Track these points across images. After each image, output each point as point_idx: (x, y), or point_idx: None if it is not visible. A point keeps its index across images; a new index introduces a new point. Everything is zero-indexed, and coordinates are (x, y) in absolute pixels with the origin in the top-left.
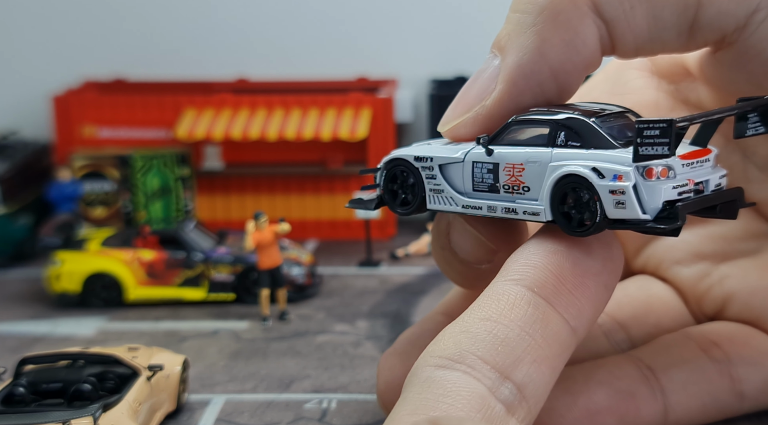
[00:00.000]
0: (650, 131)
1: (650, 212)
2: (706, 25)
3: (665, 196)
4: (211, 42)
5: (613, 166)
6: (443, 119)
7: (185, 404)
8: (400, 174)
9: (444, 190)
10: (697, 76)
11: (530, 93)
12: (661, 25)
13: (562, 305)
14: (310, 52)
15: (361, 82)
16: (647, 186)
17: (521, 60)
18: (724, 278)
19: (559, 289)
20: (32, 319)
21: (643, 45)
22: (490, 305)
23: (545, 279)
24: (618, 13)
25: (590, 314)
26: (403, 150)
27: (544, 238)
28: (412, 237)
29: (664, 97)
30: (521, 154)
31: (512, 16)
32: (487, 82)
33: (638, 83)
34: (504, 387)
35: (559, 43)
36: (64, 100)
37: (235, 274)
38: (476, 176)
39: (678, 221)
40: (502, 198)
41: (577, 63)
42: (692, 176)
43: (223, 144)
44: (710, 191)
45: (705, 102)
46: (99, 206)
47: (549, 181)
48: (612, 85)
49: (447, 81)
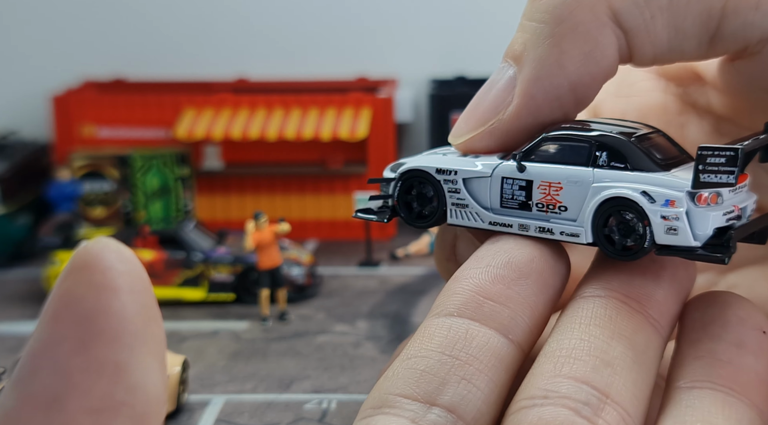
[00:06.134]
0: (715, 158)
1: (700, 239)
2: (729, 36)
3: (716, 223)
4: (211, 42)
5: (664, 191)
6: (455, 131)
7: (185, 404)
8: (418, 186)
9: (468, 205)
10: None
11: (548, 106)
12: (681, 36)
13: (486, 318)
14: (310, 52)
15: (361, 82)
16: (698, 212)
17: (540, 73)
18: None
19: (481, 304)
20: (32, 319)
21: (661, 55)
22: (410, 345)
23: (465, 300)
24: (638, 22)
25: (527, 317)
26: (420, 161)
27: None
28: (412, 237)
29: (672, 101)
30: (559, 172)
31: (528, 25)
32: (502, 94)
33: (645, 85)
34: (431, 413)
35: (579, 55)
36: (63, 100)
37: (235, 274)
38: (506, 193)
39: (731, 249)
40: (534, 217)
41: (596, 75)
42: (736, 202)
43: (223, 144)
44: (746, 217)
45: (715, 107)
46: (98, 206)
47: (592, 202)
48: (617, 87)
49: (447, 81)
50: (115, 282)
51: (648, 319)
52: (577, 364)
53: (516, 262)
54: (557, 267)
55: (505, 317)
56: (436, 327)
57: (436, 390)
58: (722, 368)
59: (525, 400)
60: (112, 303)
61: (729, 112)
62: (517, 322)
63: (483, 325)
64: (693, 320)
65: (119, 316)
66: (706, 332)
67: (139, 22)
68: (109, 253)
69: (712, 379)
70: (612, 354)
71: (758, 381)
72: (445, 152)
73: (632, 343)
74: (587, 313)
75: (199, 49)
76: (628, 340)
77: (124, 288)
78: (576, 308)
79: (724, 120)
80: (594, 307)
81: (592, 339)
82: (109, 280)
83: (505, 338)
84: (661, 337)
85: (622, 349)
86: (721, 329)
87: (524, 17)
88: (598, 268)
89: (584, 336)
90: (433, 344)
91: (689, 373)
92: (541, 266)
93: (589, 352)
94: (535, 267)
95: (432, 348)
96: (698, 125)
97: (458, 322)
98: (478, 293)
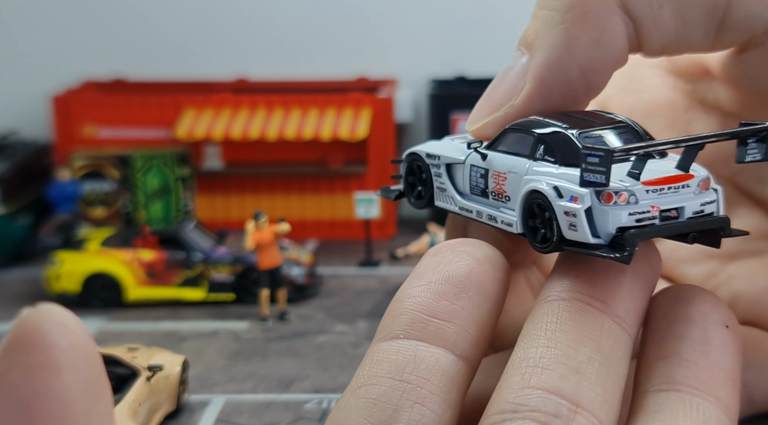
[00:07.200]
0: (592, 158)
1: (604, 237)
2: (734, 27)
3: (618, 222)
4: (211, 42)
5: (573, 187)
6: (470, 118)
7: (185, 404)
8: (417, 168)
9: (447, 189)
10: (719, 75)
11: (559, 92)
12: (688, 26)
13: (433, 337)
14: (310, 52)
15: (361, 82)
16: (600, 211)
17: (550, 58)
18: (731, 278)
19: (427, 323)
20: None
21: (669, 44)
22: (359, 373)
23: (410, 321)
24: (646, 11)
25: (473, 331)
26: (423, 145)
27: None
28: (412, 237)
29: (680, 97)
30: (506, 162)
31: (539, 13)
32: (515, 80)
33: (654, 82)
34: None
35: (588, 41)
36: (64, 100)
37: (235, 274)
38: (472, 180)
39: (626, 250)
40: (489, 204)
41: (605, 61)
42: (659, 203)
43: (223, 144)
44: (686, 218)
45: (723, 103)
46: (99, 206)
47: (521, 194)
48: (626, 83)
49: (447, 81)
50: (56, 361)
51: (614, 319)
52: (546, 374)
53: (456, 276)
54: (496, 275)
55: (452, 334)
56: (383, 351)
57: (390, 419)
58: (688, 368)
59: (495, 415)
60: (53, 385)
61: (736, 107)
62: (464, 337)
63: (431, 345)
64: (657, 318)
65: (61, 399)
66: (670, 331)
67: (139, 22)
68: (50, 327)
69: (678, 380)
70: (579, 359)
71: (724, 378)
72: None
73: (599, 346)
74: (552, 318)
75: (199, 49)
76: (595, 343)
77: (67, 367)
78: (541, 314)
79: (731, 116)
80: (559, 312)
81: (559, 346)
82: (50, 359)
83: (454, 355)
84: (628, 335)
85: (589, 353)
86: (684, 327)
87: (537, 6)
88: (561, 267)
89: (551, 342)
90: (383, 370)
91: (655, 376)
92: (481, 277)
93: (557, 360)
94: (475, 279)
95: (381, 375)
96: (705, 121)
97: (406, 344)
98: (423, 312)
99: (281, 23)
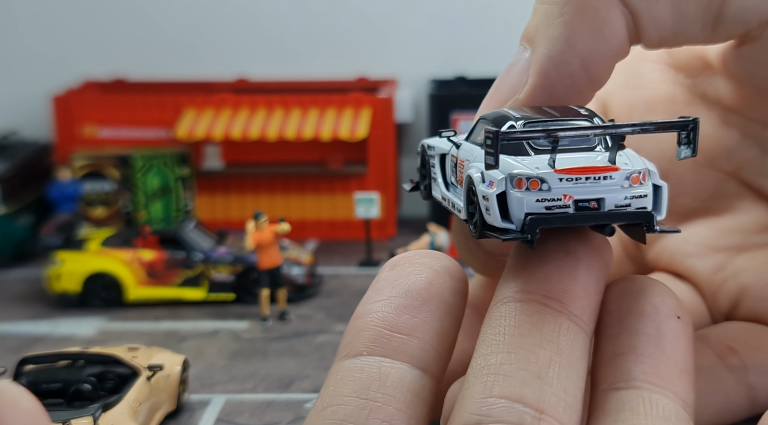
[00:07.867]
0: (488, 140)
1: (516, 223)
2: (730, 20)
3: (525, 208)
4: (211, 42)
5: (492, 173)
6: (478, 115)
7: (185, 404)
8: (425, 160)
9: (436, 179)
10: (719, 69)
11: (562, 84)
12: (685, 18)
13: (397, 352)
14: (310, 52)
15: (361, 82)
16: (512, 196)
17: (551, 51)
18: (739, 271)
19: (390, 339)
20: (32, 319)
21: (667, 37)
22: (324, 393)
23: (373, 337)
24: (642, 4)
25: (436, 344)
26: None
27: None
28: (412, 237)
29: (681, 91)
30: (466, 152)
31: (539, 8)
32: (518, 75)
33: (654, 77)
34: None
35: (588, 32)
36: (64, 100)
37: (235, 274)
38: (449, 170)
39: (530, 235)
40: (457, 193)
41: (606, 52)
42: (573, 192)
43: (223, 144)
44: (606, 209)
45: (723, 97)
46: (99, 206)
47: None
48: (627, 78)
49: (447, 81)
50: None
51: (571, 318)
52: (507, 381)
53: (416, 289)
54: (455, 285)
55: (415, 348)
56: (348, 370)
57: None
58: (644, 363)
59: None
60: None
61: (736, 102)
62: (427, 351)
63: (395, 360)
64: (610, 312)
65: None
66: (623, 326)
67: (139, 22)
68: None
69: (635, 377)
70: (540, 363)
71: (679, 371)
72: None
73: (558, 348)
74: (510, 322)
75: (200, 49)
76: (554, 345)
77: None
78: (498, 317)
79: (732, 111)
80: (516, 314)
81: (519, 351)
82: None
83: (418, 369)
84: (585, 333)
85: (549, 356)
86: (637, 321)
87: (537, 1)
88: (515, 265)
89: (510, 348)
90: (348, 389)
91: (613, 373)
92: (440, 289)
93: (518, 366)
94: (435, 291)
95: (347, 394)
96: (706, 116)
97: (370, 361)
98: (385, 327)
99: (281, 23)
